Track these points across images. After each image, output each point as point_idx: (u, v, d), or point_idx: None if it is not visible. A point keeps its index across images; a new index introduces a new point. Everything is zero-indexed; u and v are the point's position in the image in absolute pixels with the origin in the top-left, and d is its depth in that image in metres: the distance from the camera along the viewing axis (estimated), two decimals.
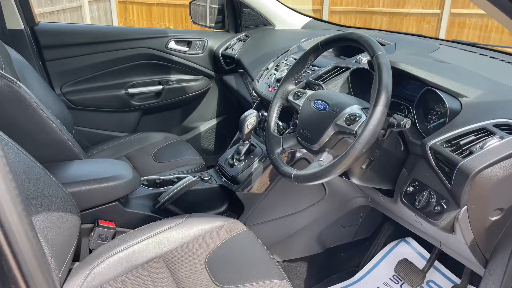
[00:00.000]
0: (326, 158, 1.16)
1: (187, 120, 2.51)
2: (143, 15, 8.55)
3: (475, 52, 1.64)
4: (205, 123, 2.54)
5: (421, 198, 1.14)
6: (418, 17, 8.06)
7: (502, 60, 1.49)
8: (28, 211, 1.04)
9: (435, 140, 1.11)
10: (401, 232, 1.87)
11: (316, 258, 1.82)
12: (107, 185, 1.34)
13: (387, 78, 1.05)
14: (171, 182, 1.64)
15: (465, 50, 1.67)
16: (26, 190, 1.03)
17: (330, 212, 1.74)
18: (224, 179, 1.66)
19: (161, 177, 1.64)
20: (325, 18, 7.61)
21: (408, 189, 1.19)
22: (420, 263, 1.70)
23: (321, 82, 1.40)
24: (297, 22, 2.41)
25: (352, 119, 1.12)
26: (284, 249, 1.76)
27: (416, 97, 1.26)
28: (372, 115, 1.03)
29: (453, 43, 1.80)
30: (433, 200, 1.12)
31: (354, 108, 1.16)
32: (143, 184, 1.58)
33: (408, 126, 1.06)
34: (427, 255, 1.74)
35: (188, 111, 2.50)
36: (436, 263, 1.67)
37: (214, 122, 2.55)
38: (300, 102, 1.30)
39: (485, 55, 1.56)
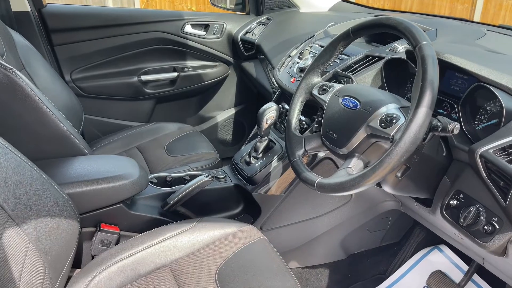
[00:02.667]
0: (355, 166, 1.00)
1: (203, 109, 2.37)
2: None
3: None
4: (223, 113, 2.39)
5: (467, 214, 0.97)
6: None
7: None
8: (19, 218, 0.93)
9: (487, 147, 0.93)
10: (434, 238, 1.70)
11: (339, 265, 1.67)
12: (110, 185, 1.22)
13: (433, 74, 0.88)
14: (183, 181, 1.51)
15: None
16: (17, 194, 0.92)
17: (355, 216, 1.58)
18: (240, 178, 1.52)
19: (172, 175, 1.51)
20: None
21: (451, 202, 1.02)
22: (456, 275, 1.54)
23: (350, 74, 1.23)
24: (324, 4, 2.22)
25: (388, 121, 0.95)
26: (304, 255, 1.62)
27: (464, 94, 1.08)
28: (413, 118, 0.86)
29: (501, 29, 1.59)
30: (482, 217, 0.95)
31: (391, 107, 0.98)
32: (151, 182, 1.45)
33: (456, 131, 0.89)
34: (464, 266, 1.56)
35: (205, 100, 2.35)
36: (475, 276, 1.50)
37: (232, 112, 2.40)
38: (326, 97, 1.13)
39: None
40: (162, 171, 1.69)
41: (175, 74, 2.18)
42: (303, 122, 1.43)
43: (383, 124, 0.95)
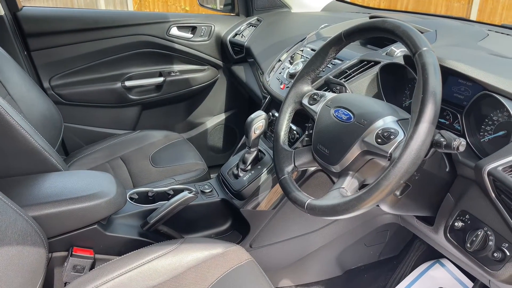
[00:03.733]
0: (349, 185, 0.90)
1: (192, 115, 2.26)
2: None
3: None
4: (212, 119, 2.29)
5: (474, 238, 0.87)
6: None
7: None
8: None
9: (496, 164, 0.83)
10: (435, 252, 1.60)
11: (335, 282, 1.57)
12: (83, 205, 1.12)
13: (435, 84, 0.78)
14: (166, 195, 1.41)
15: None
16: None
17: (351, 231, 1.48)
18: (227, 192, 1.42)
19: (154, 189, 1.41)
20: None
21: (455, 224, 0.93)
22: None
23: (343, 81, 1.13)
24: (317, 3, 2.12)
25: (385, 136, 0.85)
26: (297, 273, 1.52)
27: (468, 103, 0.98)
28: (413, 135, 0.76)
29: (503, 29, 1.49)
30: (490, 242, 0.85)
31: (388, 120, 0.88)
32: (131, 198, 1.35)
33: (462, 149, 0.79)
34: (468, 282, 1.47)
35: (193, 105, 2.25)
36: None
37: (222, 117, 2.29)
38: (317, 108, 1.03)
39: None
40: (146, 184, 1.59)
41: (161, 79, 2.07)
42: (294, 132, 1.33)
43: (379, 140, 0.85)
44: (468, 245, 0.88)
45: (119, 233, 1.22)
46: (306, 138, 1.09)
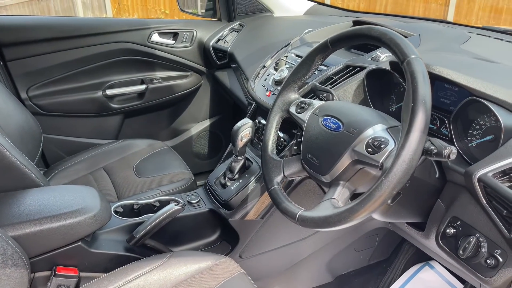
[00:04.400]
0: (341, 196, 0.88)
1: (176, 122, 2.22)
2: None
3: None
4: (197, 125, 2.25)
5: (466, 245, 0.87)
6: None
7: None
8: None
9: (486, 170, 0.83)
10: (424, 254, 1.60)
11: None
12: (66, 223, 1.08)
13: (425, 92, 0.77)
14: (152, 208, 1.37)
15: (501, 40, 1.38)
16: None
17: (341, 237, 1.47)
18: (215, 202, 1.39)
19: (140, 202, 1.37)
20: (326, 1, 7.23)
21: (447, 230, 0.92)
22: None
23: (330, 88, 1.12)
24: (299, 7, 2.11)
25: (376, 145, 0.84)
26: (288, 280, 1.50)
27: (455, 108, 0.98)
28: (405, 144, 0.75)
29: (484, 30, 1.50)
30: (483, 249, 0.85)
31: (377, 129, 0.87)
32: (116, 212, 1.31)
33: (453, 157, 0.78)
34: (458, 284, 1.47)
35: (177, 112, 2.21)
36: None
37: (207, 123, 2.26)
38: (305, 116, 1.02)
39: None
40: (131, 196, 1.55)
41: (144, 86, 2.03)
42: (281, 139, 1.32)
43: (370, 150, 0.84)
44: (461, 252, 0.87)
45: (105, 249, 1.18)
46: (294, 147, 1.07)
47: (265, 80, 1.42)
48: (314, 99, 1.15)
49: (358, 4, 7.75)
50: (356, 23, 1.53)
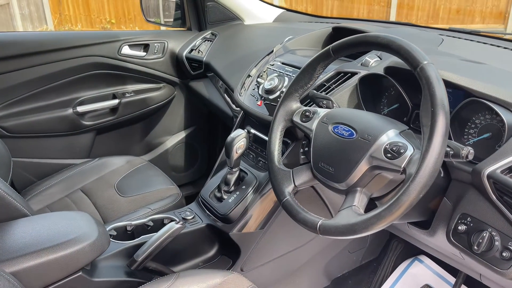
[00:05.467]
0: (360, 202, 0.89)
1: (150, 136, 2.15)
2: (80, 9, 7.94)
3: (485, 43, 1.43)
4: (172, 138, 2.20)
5: (480, 240, 0.90)
6: None
7: None
8: None
9: (494, 167, 0.87)
10: (412, 249, 1.66)
11: None
12: (65, 253, 1.00)
13: (443, 96, 0.79)
14: (146, 228, 1.32)
15: (472, 40, 1.46)
16: None
17: (337, 240, 1.48)
18: (211, 216, 1.36)
19: (133, 223, 1.31)
20: (275, 2, 7.34)
21: (459, 227, 0.95)
22: None
23: (329, 96, 1.13)
24: (268, 15, 2.12)
25: (395, 151, 0.85)
26: None
27: (454, 109, 1.02)
28: (429, 149, 0.77)
29: (452, 32, 1.59)
30: (496, 242, 0.89)
31: (391, 135, 0.89)
32: (110, 235, 1.24)
33: (471, 157, 0.81)
34: (448, 276, 1.54)
35: (151, 126, 2.14)
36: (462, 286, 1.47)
37: (182, 135, 2.21)
38: (312, 125, 1.02)
39: (501, 47, 1.36)
40: (118, 218, 1.48)
41: (116, 101, 1.95)
42: None
43: (389, 155, 0.85)
44: (476, 247, 0.90)
45: (106, 277, 1.11)
46: (302, 156, 1.07)
47: (253, 89, 1.41)
48: (312, 106, 1.16)
49: (306, 8, 7.94)
50: (336, 29, 1.56)
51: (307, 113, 1.04)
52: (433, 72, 0.82)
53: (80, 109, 1.87)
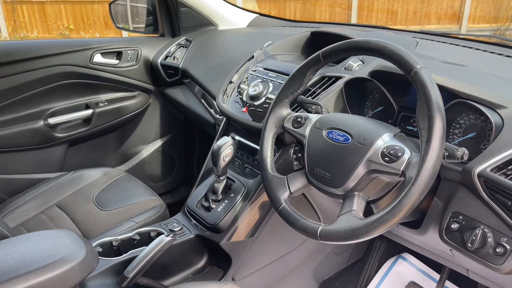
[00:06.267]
0: (359, 206, 0.90)
1: (125, 146, 2.09)
2: (36, 15, 7.66)
3: (457, 45, 1.48)
4: (148, 147, 2.14)
5: (473, 238, 0.93)
6: (329, 1, 8.17)
7: (492, 53, 1.35)
8: None
9: (484, 165, 0.90)
10: (395, 247, 1.69)
11: None
12: (53, 275, 0.95)
13: (438, 98, 0.81)
14: (132, 242, 1.27)
15: (444, 43, 1.51)
16: None
17: (325, 243, 1.49)
18: (199, 226, 1.33)
19: (118, 237, 1.26)
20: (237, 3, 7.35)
21: (452, 226, 0.98)
22: (428, 284, 1.54)
23: (318, 101, 1.13)
24: (242, 20, 2.12)
25: (392, 154, 0.86)
26: None
27: None
28: (428, 151, 0.78)
29: (424, 35, 1.64)
30: (489, 239, 0.92)
31: (386, 138, 0.90)
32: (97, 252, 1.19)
33: (466, 157, 0.84)
34: (430, 271, 1.58)
35: (126, 135, 2.08)
36: (447, 282, 1.51)
37: (158, 143, 2.16)
38: (304, 131, 1.02)
39: (473, 48, 1.41)
40: (101, 233, 1.42)
41: (89, 111, 1.88)
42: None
43: (387, 159, 0.86)
44: (469, 244, 0.93)
45: None
46: (295, 163, 1.07)
47: (237, 96, 1.40)
48: (299, 111, 1.16)
49: (269, 11, 8.01)
50: (314, 34, 1.57)
51: (299, 119, 1.04)
52: (427, 76, 0.83)
53: (52, 120, 1.79)
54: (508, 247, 0.89)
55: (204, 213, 1.32)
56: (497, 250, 0.89)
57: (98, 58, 1.86)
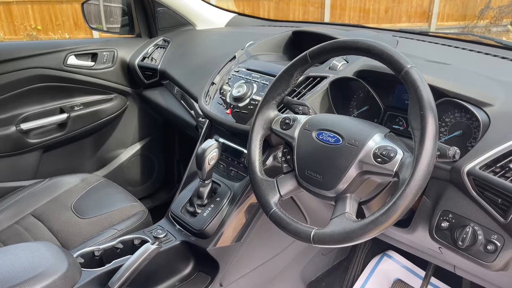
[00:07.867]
0: (352, 208, 0.89)
1: (103, 150, 2.03)
2: (1, 15, 7.38)
3: (436, 43, 1.50)
4: (127, 151, 2.08)
5: (464, 236, 0.93)
6: (303, 0, 8.21)
7: (471, 51, 1.37)
8: None
9: (473, 164, 0.90)
10: (379, 245, 1.70)
11: None
12: None
13: (430, 98, 0.81)
14: (115, 251, 1.23)
15: (424, 41, 1.53)
16: None
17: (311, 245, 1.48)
18: (184, 231, 1.29)
19: (100, 247, 1.21)
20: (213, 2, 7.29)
21: (442, 224, 0.98)
22: (413, 281, 1.55)
23: (305, 102, 1.12)
24: (220, 19, 2.08)
25: (384, 155, 0.85)
26: None
27: None
28: (421, 152, 0.78)
29: (404, 33, 1.65)
30: (480, 236, 0.92)
31: (378, 139, 0.89)
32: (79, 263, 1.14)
33: (457, 157, 0.84)
34: (416, 268, 1.59)
35: (104, 139, 2.02)
36: (432, 279, 1.53)
37: (137, 147, 2.11)
38: (293, 133, 1.00)
39: (452, 46, 1.43)
40: (81, 243, 1.36)
41: (64, 115, 1.81)
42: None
43: (379, 160, 0.85)
44: (460, 242, 0.93)
45: None
46: (285, 165, 1.05)
47: (220, 97, 1.37)
48: (286, 112, 1.14)
49: (243, 10, 7.97)
50: (296, 33, 1.56)
51: (287, 121, 1.02)
52: (417, 76, 0.83)
53: (24, 126, 1.71)
54: (499, 244, 0.89)
55: (189, 219, 1.28)
56: (488, 247, 0.90)
57: (72, 60, 1.79)
